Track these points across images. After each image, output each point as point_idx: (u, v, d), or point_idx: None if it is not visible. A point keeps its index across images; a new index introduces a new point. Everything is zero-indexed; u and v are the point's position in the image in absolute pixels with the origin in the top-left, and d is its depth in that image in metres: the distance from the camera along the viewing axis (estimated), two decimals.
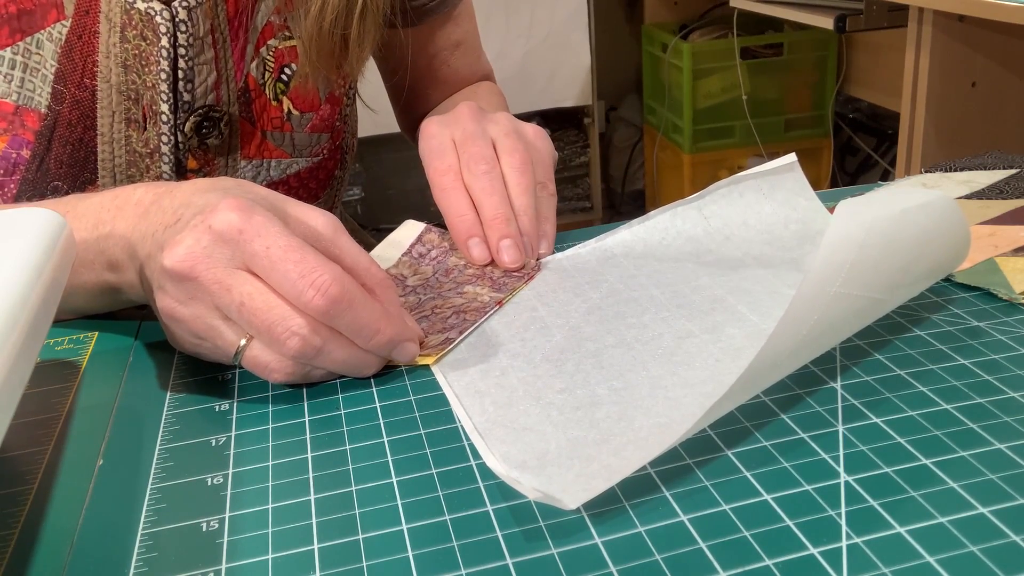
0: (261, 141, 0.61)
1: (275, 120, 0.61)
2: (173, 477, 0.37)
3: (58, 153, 0.56)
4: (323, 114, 0.64)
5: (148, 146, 0.57)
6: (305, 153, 0.64)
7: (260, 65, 0.60)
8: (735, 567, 0.29)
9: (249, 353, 0.41)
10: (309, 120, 0.63)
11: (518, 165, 0.53)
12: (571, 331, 0.45)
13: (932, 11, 1.28)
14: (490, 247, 0.51)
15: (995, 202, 0.57)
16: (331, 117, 0.64)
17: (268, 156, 0.62)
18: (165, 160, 0.58)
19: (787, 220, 0.53)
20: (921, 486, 0.33)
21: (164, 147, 0.57)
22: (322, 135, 0.64)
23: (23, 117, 0.55)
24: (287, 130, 0.62)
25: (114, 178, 0.58)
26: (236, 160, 0.61)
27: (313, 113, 0.63)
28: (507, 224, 0.51)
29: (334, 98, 0.64)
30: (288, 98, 0.61)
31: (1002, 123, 1.37)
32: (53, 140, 0.56)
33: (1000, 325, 0.44)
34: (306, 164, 0.64)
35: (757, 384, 0.36)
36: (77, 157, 0.57)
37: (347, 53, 0.60)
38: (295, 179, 0.63)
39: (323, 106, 0.64)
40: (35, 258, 0.38)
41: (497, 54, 2.18)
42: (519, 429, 0.37)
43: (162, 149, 0.57)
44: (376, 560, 0.31)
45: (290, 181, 0.63)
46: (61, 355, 0.49)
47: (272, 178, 0.63)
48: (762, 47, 2.09)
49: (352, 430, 0.39)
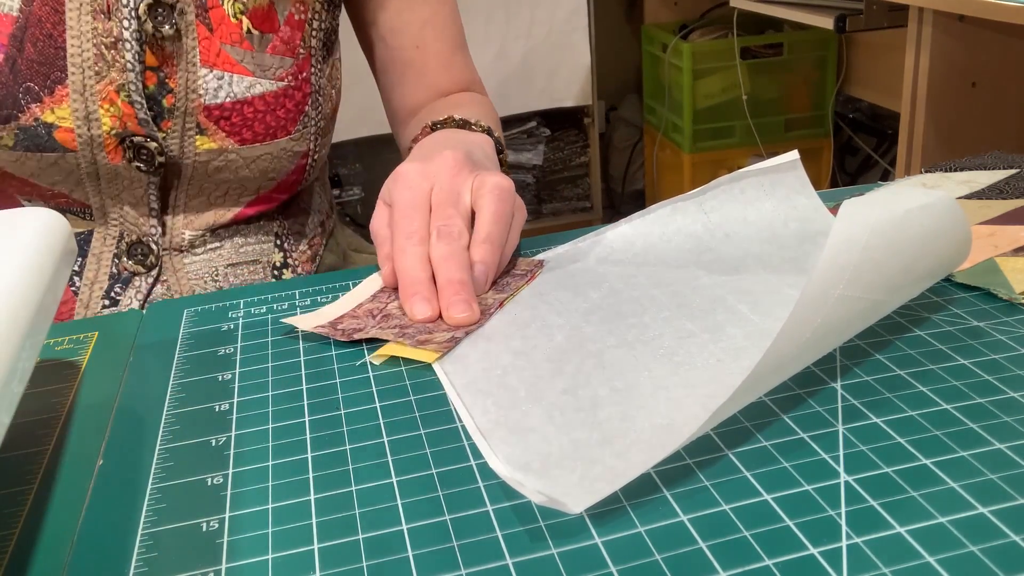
0: (219, 51, 0.63)
1: (234, 35, 0.63)
2: (173, 477, 0.37)
3: (29, 54, 0.58)
4: (283, 36, 0.65)
5: (112, 35, 0.59)
6: (268, 75, 0.64)
7: None
8: (735, 567, 0.29)
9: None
10: (269, 41, 0.64)
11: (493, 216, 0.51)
12: (572, 331, 0.45)
13: (932, 11, 1.28)
14: (440, 304, 0.48)
15: (995, 202, 0.57)
16: (292, 41, 0.65)
17: (229, 70, 0.63)
18: (128, 48, 0.59)
19: (787, 219, 0.53)
20: (921, 486, 0.33)
21: (126, 33, 0.59)
22: (285, 58, 0.65)
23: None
24: (247, 48, 0.63)
25: (83, 73, 0.59)
26: (196, 65, 0.62)
27: (272, 35, 0.64)
28: (462, 286, 0.49)
29: (295, 22, 0.65)
30: (247, 17, 0.63)
31: (1002, 123, 1.38)
32: (25, 41, 0.58)
33: (1000, 325, 0.44)
34: (271, 87, 0.64)
35: (760, 387, 0.36)
36: (47, 55, 0.59)
37: None
38: (261, 101, 0.64)
39: (283, 28, 0.65)
40: (35, 258, 0.38)
41: (497, 54, 2.18)
42: (522, 430, 0.37)
43: (124, 36, 0.59)
44: (376, 560, 0.31)
45: (255, 103, 0.64)
46: (61, 355, 0.49)
47: (236, 95, 0.63)
48: (762, 47, 2.09)
49: (352, 430, 0.39)
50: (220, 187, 0.66)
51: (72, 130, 0.60)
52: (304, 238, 0.74)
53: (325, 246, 0.77)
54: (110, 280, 0.65)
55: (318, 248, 0.75)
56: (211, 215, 0.67)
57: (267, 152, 0.65)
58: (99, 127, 0.60)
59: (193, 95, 0.62)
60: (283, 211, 0.72)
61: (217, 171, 0.64)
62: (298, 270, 0.72)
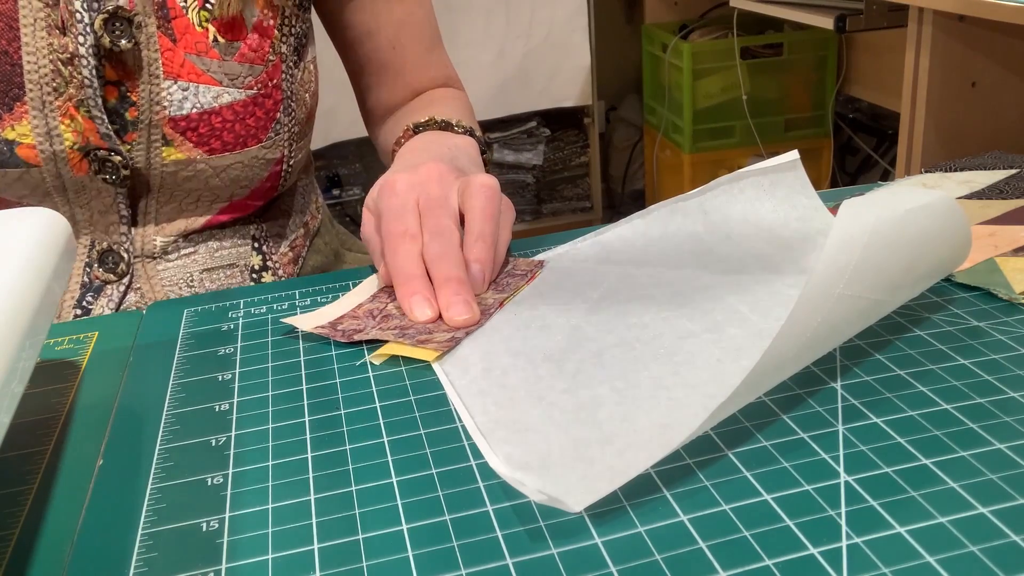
0: (183, 61, 0.61)
1: (200, 44, 0.62)
2: (173, 477, 0.37)
3: None
4: (251, 44, 0.64)
5: (67, 51, 0.58)
6: (236, 84, 0.63)
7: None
8: (735, 567, 0.29)
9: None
10: (236, 49, 0.63)
11: (482, 214, 0.52)
12: (572, 331, 0.45)
13: (932, 11, 1.28)
14: (440, 304, 0.48)
15: (995, 202, 0.57)
16: (261, 48, 0.64)
17: (195, 80, 0.62)
18: (84, 64, 0.58)
19: (787, 219, 0.53)
20: (921, 486, 0.33)
21: (82, 48, 0.58)
22: (254, 66, 0.64)
23: None
24: (214, 57, 0.62)
25: (40, 89, 0.58)
26: (159, 78, 0.61)
27: (240, 42, 0.63)
28: (460, 285, 0.49)
29: (263, 28, 0.64)
30: (213, 25, 0.62)
31: (1002, 123, 1.38)
32: None
33: (1000, 325, 0.44)
34: (239, 96, 0.63)
35: (760, 387, 0.36)
36: (3, 72, 0.58)
37: None
38: (229, 111, 0.63)
39: (250, 35, 0.63)
40: (35, 258, 0.38)
41: (497, 54, 2.18)
42: (521, 430, 0.37)
43: (80, 51, 0.58)
44: (376, 560, 0.31)
45: (223, 112, 0.63)
46: (61, 355, 0.49)
47: (203, 106, 0.62)
48: (762, 47, 2.09)
49: (352, 430, 0.39)
50: (191, 195, 0.65)
51: (34, 146, 0.58)
52: (284, 240, 0.72)
53: (309, 247, 0.75)
54: (82, 289, 0.64)
55: (301, 250, 0.74)
56: (183, 222, 0.66)
57: (238, 161, 0.64)
58: (61, 142, 0.59)
59: (157, 107, 0.61)
60: (261, 214, 0.70)
61: (187, 180, 0.63)
62: (279, 273, 0.70)
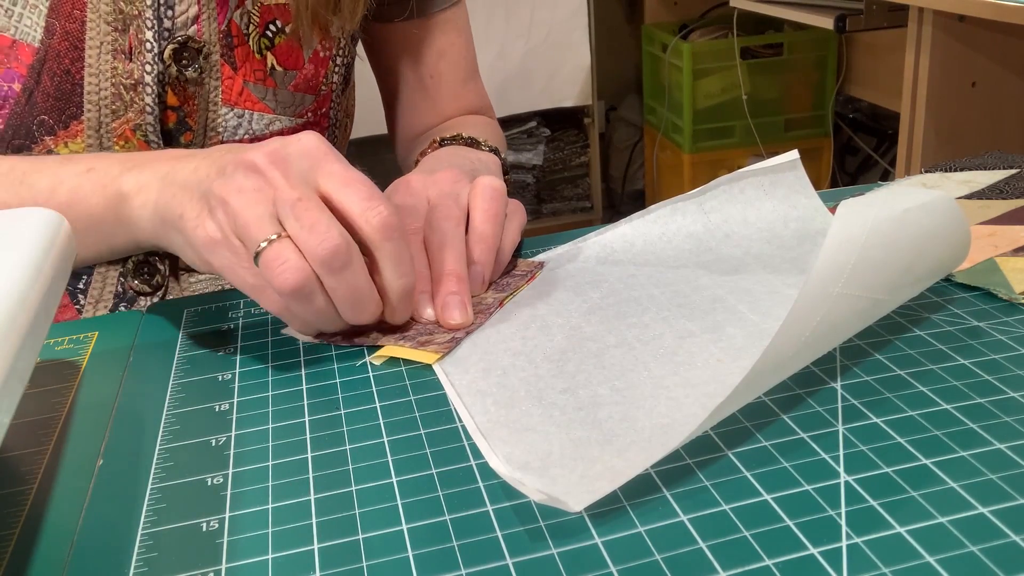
0: (242, 89, 0.62)
1: (258, 72, 0.63)
2: (173, 477, 0.37)
3: (46, 86, 0.58)
4: (307, 74, 0.65)
5: (132, 77, 0.59)
6: (289, 112, 0.64)
7: (244, 16, 0.61)
8: (735, 567, 0.29)
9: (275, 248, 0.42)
10: (293, 78, 0.64)
11: (484, 215, 0.52)
12: (572, 331, 0.45)
13: (932, 11, 1.28)
14: (436, 302, 0.48)
15: (995, 202, 0.57)
16: (315, 78, 0.65)
17: (250, 107, 0.63)
18: (148, 92, 0.59)
19: (787, 218, 0.53)
20: (921, 486, 0.33)
21: (147, 76, 0.59)
22: (306, 96, 0.65)
23: (18, 51, 0.57)
24: (270, 85, 0.63)
25: (99, 111, 0.59)
26: (217, 104, 0.62)
27: (297, 71, 0.64)
28: (458, 282, 0.49)
29: (319, 59, 0.65)
30: (272, 54, 0.63)
31: (1002, 123, 1.38)
32: (43, 73, 0.57)
33: (1000, 325, 0.44)
34: (289, 124, 0.64)
35: (760, 386, 0.36)
36: (63, 90, 0.58)
37: (339, 8, 0.62)
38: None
39: (307, 65, 0.64)
40: (35, 258, 0.38)
41: (497, 54, 2.18)
42: (521, 430, 0.37)
43: (145, 79, 0.59)
44: (376, 560, 0.31)
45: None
46: (61, 355, 0.49)
47: (255, 132, 0.63)
48: (762, 47, 2.09)
49: (352, 430, 0.39)
50: None
51: None
52: None
53: None
54: (115, 299, 0.65)
55: None
56: None
57: None
58: None
59: (212, 132, 0.62)
60: None
61: None
62: None
